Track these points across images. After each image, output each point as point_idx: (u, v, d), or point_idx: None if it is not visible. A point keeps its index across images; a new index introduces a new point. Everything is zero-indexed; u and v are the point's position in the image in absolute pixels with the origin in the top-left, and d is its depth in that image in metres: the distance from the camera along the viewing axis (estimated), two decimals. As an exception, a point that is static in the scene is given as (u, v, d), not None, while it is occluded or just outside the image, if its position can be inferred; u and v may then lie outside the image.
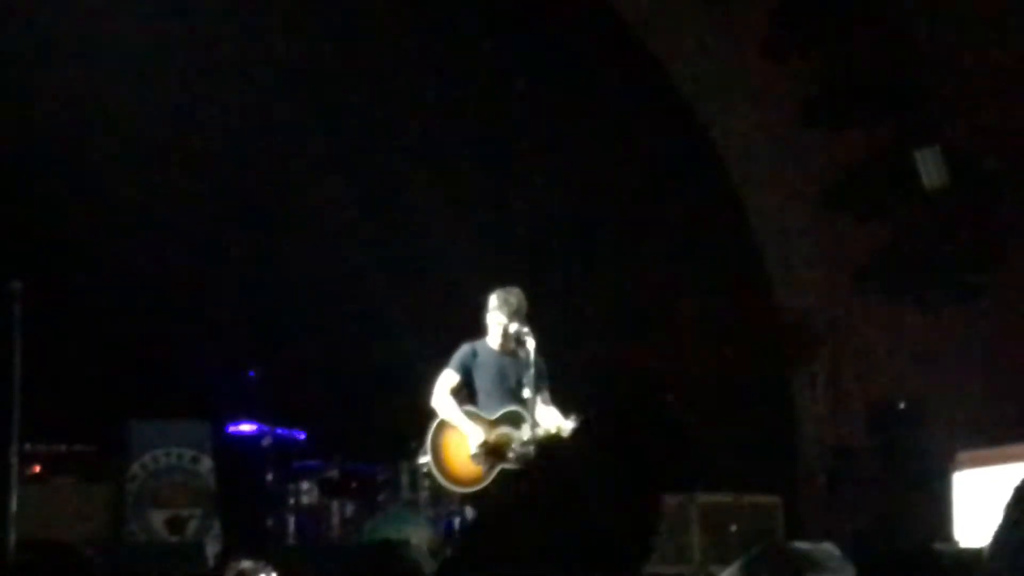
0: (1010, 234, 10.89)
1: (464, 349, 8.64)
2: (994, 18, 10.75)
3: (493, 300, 8.59)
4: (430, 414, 8.64)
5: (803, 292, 12.45)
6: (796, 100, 11.70)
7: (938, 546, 7.44)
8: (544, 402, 8.46)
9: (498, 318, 8.54)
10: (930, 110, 11.14)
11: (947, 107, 11.12)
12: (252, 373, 10.03)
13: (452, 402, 8.54)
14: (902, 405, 11.31)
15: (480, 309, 8.71)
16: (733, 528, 10.40)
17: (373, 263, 10.98)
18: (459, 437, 8.53)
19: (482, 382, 8.60)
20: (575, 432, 8.01)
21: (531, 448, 8.22)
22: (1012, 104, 10.77)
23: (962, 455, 9.39)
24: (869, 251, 11.54)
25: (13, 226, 9.97)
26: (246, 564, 8.21)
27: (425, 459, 8.74)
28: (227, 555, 9.50)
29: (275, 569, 8.67)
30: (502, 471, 8.38)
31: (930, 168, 10.74)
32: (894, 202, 11.23)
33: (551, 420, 8.38)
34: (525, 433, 8.36)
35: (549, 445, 8.08)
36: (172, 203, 10.73)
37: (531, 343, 8.37)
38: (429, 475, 8.85)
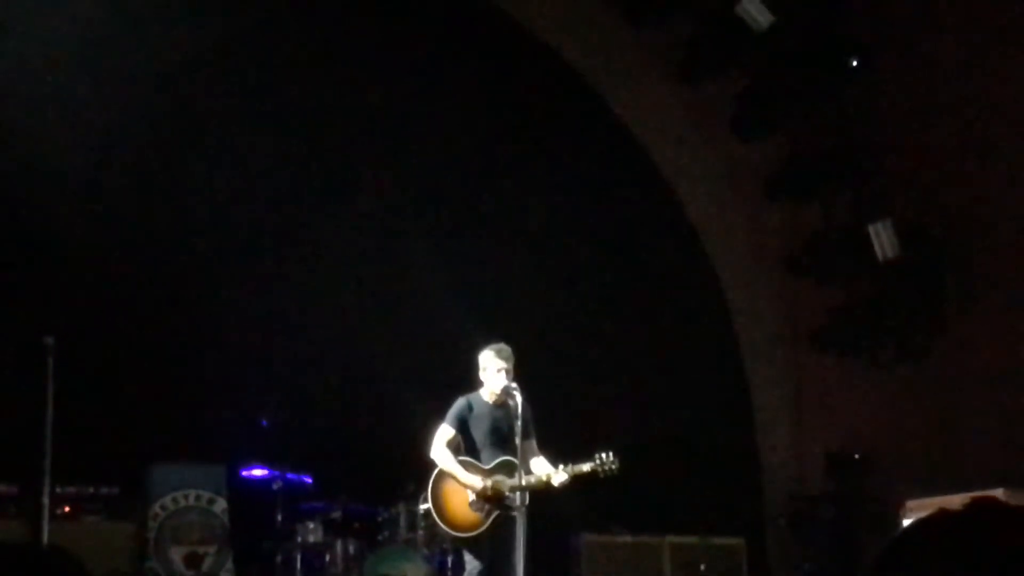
0: (952, 300, 10.84)
1: (460, 403, 8.43)
2: (938, 105, 10.79)
3: (494, 357, 8.38)
4: (430, 465, 8.47)
5: (767, 351, 12.48)
6: (761, 177, 11.77)
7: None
8: (533, 449, 8.34)
9: (503, 374, 8.30)
10: (882, 186, 11.18)
11: (897, 184, 11.14)
12: (264, 422, 10.04)
13: (449, 455, 8.37)
14: (856, 456, 11.35)
15: (472, 366, 8.51)
16: (702, 567, 10.40)
17: (375, 326, 10.93)
18: (457, 487, 8.36)
19: (478, 433, 8.41)
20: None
21: (522, 493, 8.08)
22: (956, 181, 10.78)
23: (910, 503, 9.39)
24: (826, 314, 11.49)
25: (47, 287, 9.94)
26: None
27: (426, 506, 8.65)
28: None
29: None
30: (498, 515, 8.26)
31: (882, 240, 10.74)
32: (849, 269, 11.21)
33: (541, 468, 8.29)
34: (517, 480, 8.15)
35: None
36: (192, 268, 10.69)
37: (519, 396, 8.12)
38: (430, 520, 8.70)
